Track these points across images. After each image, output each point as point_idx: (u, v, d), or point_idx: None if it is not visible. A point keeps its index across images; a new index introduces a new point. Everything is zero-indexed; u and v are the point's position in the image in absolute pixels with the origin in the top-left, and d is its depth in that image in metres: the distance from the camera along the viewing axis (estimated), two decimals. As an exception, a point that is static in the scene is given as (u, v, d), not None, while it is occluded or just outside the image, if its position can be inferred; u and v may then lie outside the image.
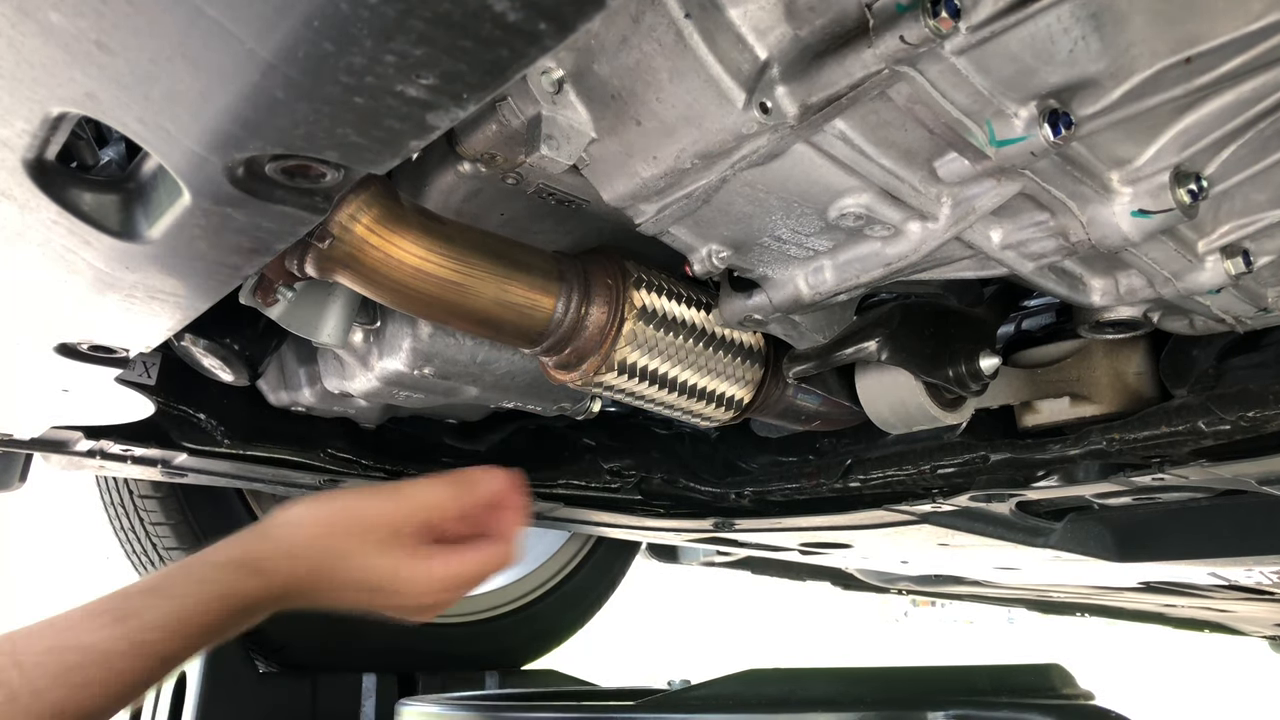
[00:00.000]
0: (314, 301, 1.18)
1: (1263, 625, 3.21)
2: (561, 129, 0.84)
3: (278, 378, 1.54)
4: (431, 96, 0.55)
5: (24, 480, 1.82)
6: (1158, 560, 1.70)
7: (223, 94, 0.55)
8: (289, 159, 0.63)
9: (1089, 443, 1.27)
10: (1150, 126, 0.81)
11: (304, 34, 0.49)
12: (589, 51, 0.80)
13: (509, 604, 2.82)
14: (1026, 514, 1.62)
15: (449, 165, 1.01)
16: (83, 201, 0.73)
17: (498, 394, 1.41)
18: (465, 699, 1.97)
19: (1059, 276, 1.00)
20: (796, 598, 9.40)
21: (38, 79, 0.57)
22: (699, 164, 0.82)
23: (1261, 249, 0.97)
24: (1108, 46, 0.71)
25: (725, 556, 2.79)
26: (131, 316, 0.92)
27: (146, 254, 0.77)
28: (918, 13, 0.63)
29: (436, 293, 0.99)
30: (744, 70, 0.74)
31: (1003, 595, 3.09)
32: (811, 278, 1.00)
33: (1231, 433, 1.15)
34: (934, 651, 13.34)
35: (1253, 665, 8.16)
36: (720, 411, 1.24)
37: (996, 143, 0.75)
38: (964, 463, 1.44)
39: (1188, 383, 1.20)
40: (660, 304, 1.12)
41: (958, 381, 1.16)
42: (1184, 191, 0.82)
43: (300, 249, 0.93)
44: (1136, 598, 2.62)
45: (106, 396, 1.22)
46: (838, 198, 0.86)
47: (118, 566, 2.40)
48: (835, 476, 1.61)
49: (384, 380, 1.30)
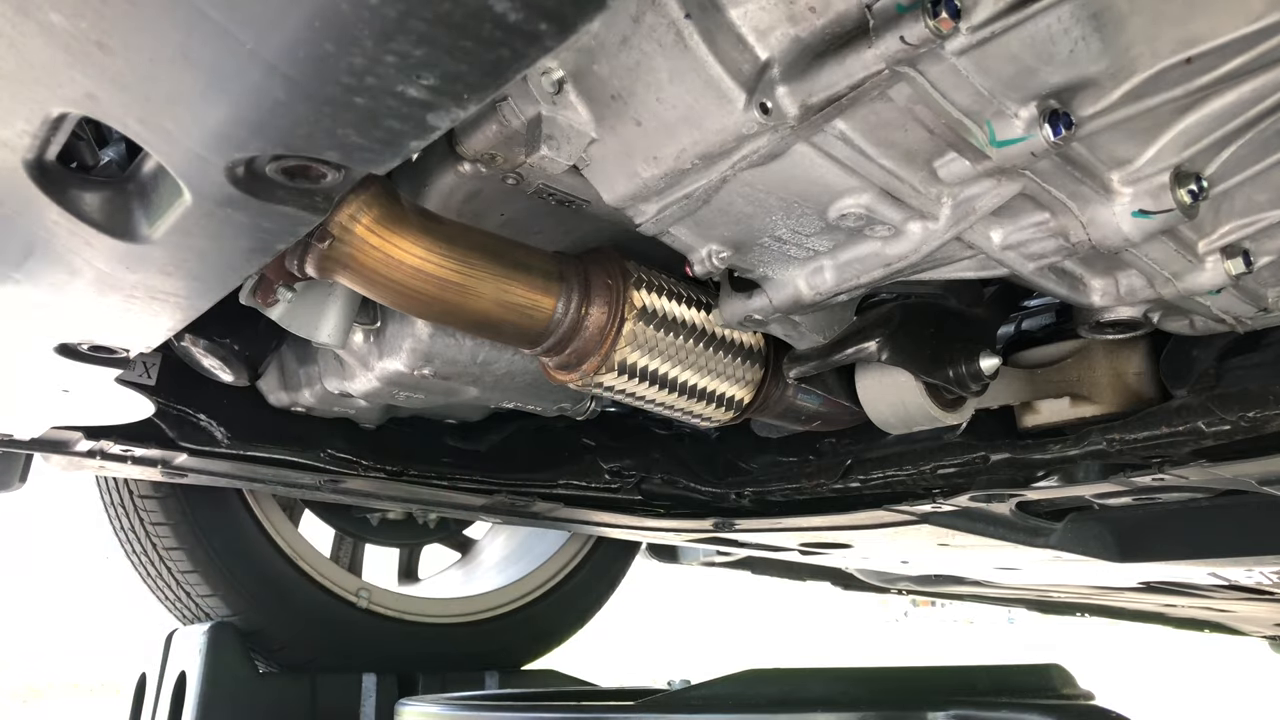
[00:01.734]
0: (314, 302, 1.18)
1: (1263, 625, 3.21)
2: (562, 129, 0.84)
3: (278, 378, 1.54)
4: (432, 97, 0.55)
5: (24, 480, 1.82)
6: (1158, 560, 1.70)
7: (223, 94, 0.55)
8: (289, 159, 0.63)
9: (1089, 443, 1.27)
10: (1150, 127, 0.81)
11: (305, 35, 0.49)
12: (589, 52, 0.80)
13: (509, 604, 2.82)
14: (1026, 514, 1.62)
15: (449, 165, 1.01)
16: (83, 202, 0.73)
17: (498, 394, 1.41)
18: (465, 699, 1.97)
19: (1059, 277, 1.00)
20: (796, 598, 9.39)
21: (38, 79, 0.57)
22: (699, 164, 0.82)
23: (1262, 249, 0.97)
24: (1108, 47, 0.71)
25: (725, 556, 2.79)
26: (132, 317, 0.91)
27: (147, 254, 0.77)
28: (918, 13, 0.63)
29: (436, 293, 0.99)
30: (744, 70, 0.74)
31: (1003, 595, 3.09)
32: (812, 278, 1.00)
33: (1231, 433, 1.15)
34: (934, 651, 13.34)
35: (1253, 665, 8.17)
36: (720, 412, 1.24)
37: (997, 143, 0.75)
38: (964, 463, 1.44)
39: (1188, 383, 1.20)
40: (660, 304, 1.12)
41: (958, 382, 1.16)
42: (1184, 192, 0.82)
43: (300, 249, 0.93)
44: (1136, 598, 2.62)
45: (106, 397, 1.22)
46: (838, 198, 0.86)
47: (118, 566, 2.40)
48: (835, 476, 1.61)
49: (384, 380, 1.30)
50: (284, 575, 2.37)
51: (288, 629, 2.37)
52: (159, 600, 2.40)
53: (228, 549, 2.30)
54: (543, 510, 1.98)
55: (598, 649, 4.23)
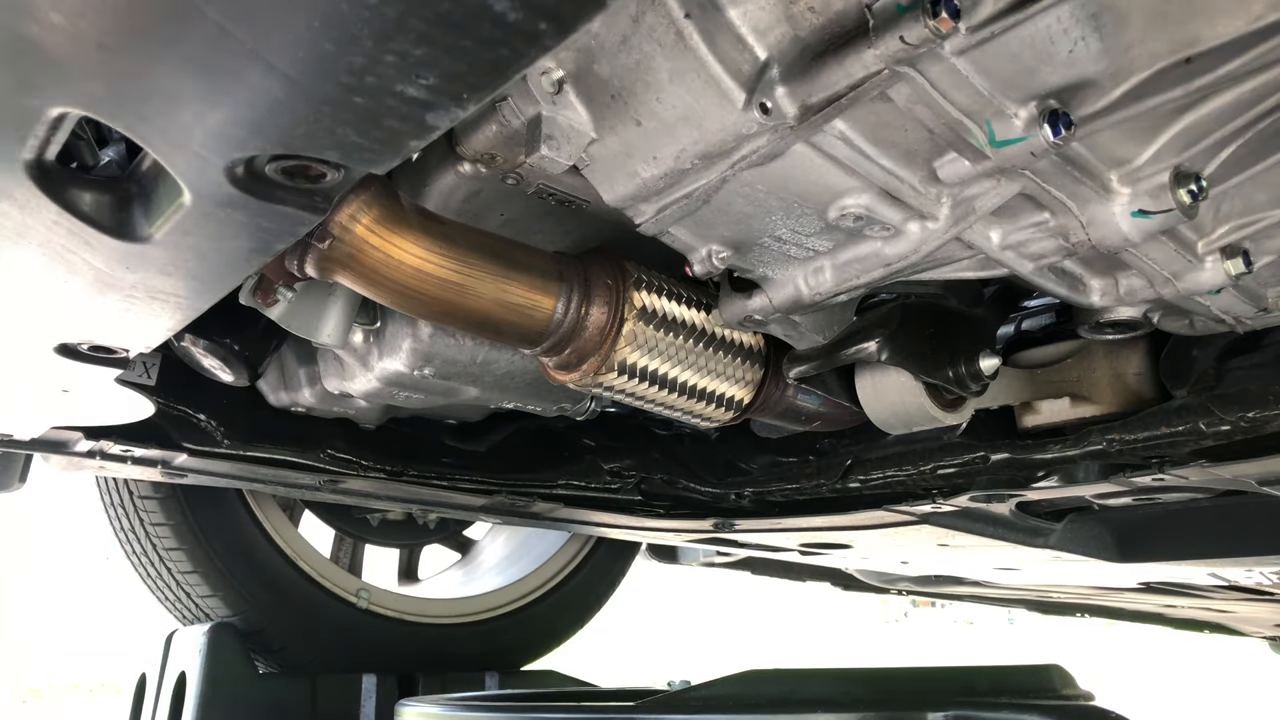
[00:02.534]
0: (314, 302, 1.18)
1: (1263, 625, 3.21)
2: (561, 129, 0.84)
3: (278, 378, 1.54)
4: (432, 96, 0.55)
5: (24, 481, 1.82)
6: (1158, 560, 1.71)
7: (223, 94, 0.55)
8: (289, 159, 0.63)
9: (1089, 443, 1.27)
10: (1150, 127, 0.81)
11: (304, 34, 0.49)
12: (589, 52, 0.80)
13: (509, 604, 2.82)
14: (1026, 514, 1.62)
15: (449, 165, 1.01)
16: (83, 202, 0.73)
17: (498, 394, 1.41)
18: (465, 699, 1.97)
19: (1059, 277, 1.00)
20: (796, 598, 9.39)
21: (38, 79, 0.57)
22: (699, 164, 0.82)
23: (1261, 249, 0.97)
24: (1108, 47, 0.71)
25: (725, 557, 2.79)
26: (131, 317, 0.91)
27: (146, 254, 0.77)
28: (918, 13, 0.63)
29: (436, 293, 0.99)
30: (744, 70, 0.74)
31: (1003, 596, 3.09)
32: (811, 278, 1.00)
33: (1231, 433, 1.15)
34: (934, 651, 13.34)
35: (1253, 665, 8.17)
36: (720, 412, 1.24)
37: (996, 143, 0.75)
38: (964, 463, 1.44)
39: (1188, 383, 1.20)
40: (660, 304, 1.12)
41: (958, 382, 1.16)
42: (1184, 192, 0.82)
43: (300, 249, 0.93)
44: (1136, 598, 2.62)
45: (106, 397, 1.22)
46: (838, 198, 0.86)
47: (118, 567, 2.40)
48: (835, 477, 1.61)
49: (384, 380, 1.30)
50: (284, 576, 2.38)
51: (287, 629, 2.37)
52: (159, 601, 2.41)
53: (228, 549, 2.30)
54: (543, 510, 1.98)
55: (598, 649, 4.23)
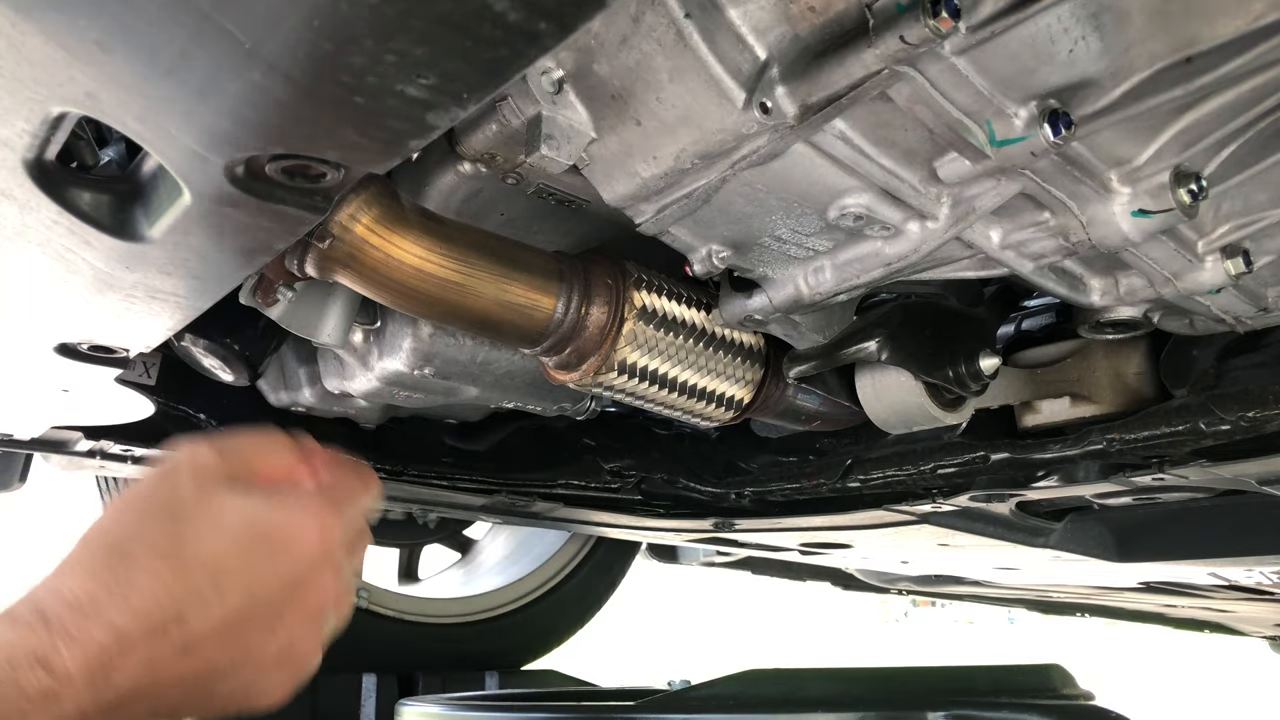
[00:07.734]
0: (314, 301, 1.18)
1: (1263, 625, 3.21)
2: (561, 129, 0.84)
3: (278, 378, 1.54)
4: (432, 96, 0.55)
5: (24, 480, 1.82)
6: (1158, 560, 1.70)
7: (223, 94, 0.55)
8: (289, 159, 0.63)
9: (1089, 443, 1.27)
10: (1150, 126, 0.81)
11: (304, 34, 0.49)
12: (589, 51, 0.80)
13: (509, 604, 2.82)
14: (1026, 514, 1.62)
15: (449, 165, 1.01)
16: (83, 201, 0.73)
17: (498, 394, 1.41)
18: (465, 699, 1.97)
19: (1059, 276, 1.00)
20: (796, 598, 9.39)
21: (38, 79, 0.57)
22: (699, 164, 0.82)
23: (1261, 249, 0.97)
24: (1108, 47, 0.71)
25: (725, 557, 2.79)
26: (131, 316, 0.92)
27: (146, 254, 0.77)
28: (918, 13, 0.63)
29: (436, 293, 0.99)
30: (744, 70, 0.74)
31: (1003, 595, 3.09)
32: (811, 278, 1.00)
33: (1231, 433, 1.15)
34: (934, 651, 13.34)
35: (1253, 665, 8.17)
36: (720, 411, 1.24)
37: (996, 143, 0.75)
38: (964, 463, 1.44)
39: (1188, 383, 1.20)
40: (660, 304, 1.12)
41: (957, 381, 1.16)
42: (1184, 191, 0.82)
43: (300, 249, 0.93)
44: (1136, 598, 2.62)
45: (106, 396, 1.22)
46: (838, 198, 0.86)
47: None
48: (835, 476, 1.61)
49: (384, 380, 1.30)
50: (284, 575, 2.37)
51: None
52: (159, 600, 2.40)
53: (228, 549, 2.29)
54: (543, 510, 1.97)
55: (598, 649, 4.23)
